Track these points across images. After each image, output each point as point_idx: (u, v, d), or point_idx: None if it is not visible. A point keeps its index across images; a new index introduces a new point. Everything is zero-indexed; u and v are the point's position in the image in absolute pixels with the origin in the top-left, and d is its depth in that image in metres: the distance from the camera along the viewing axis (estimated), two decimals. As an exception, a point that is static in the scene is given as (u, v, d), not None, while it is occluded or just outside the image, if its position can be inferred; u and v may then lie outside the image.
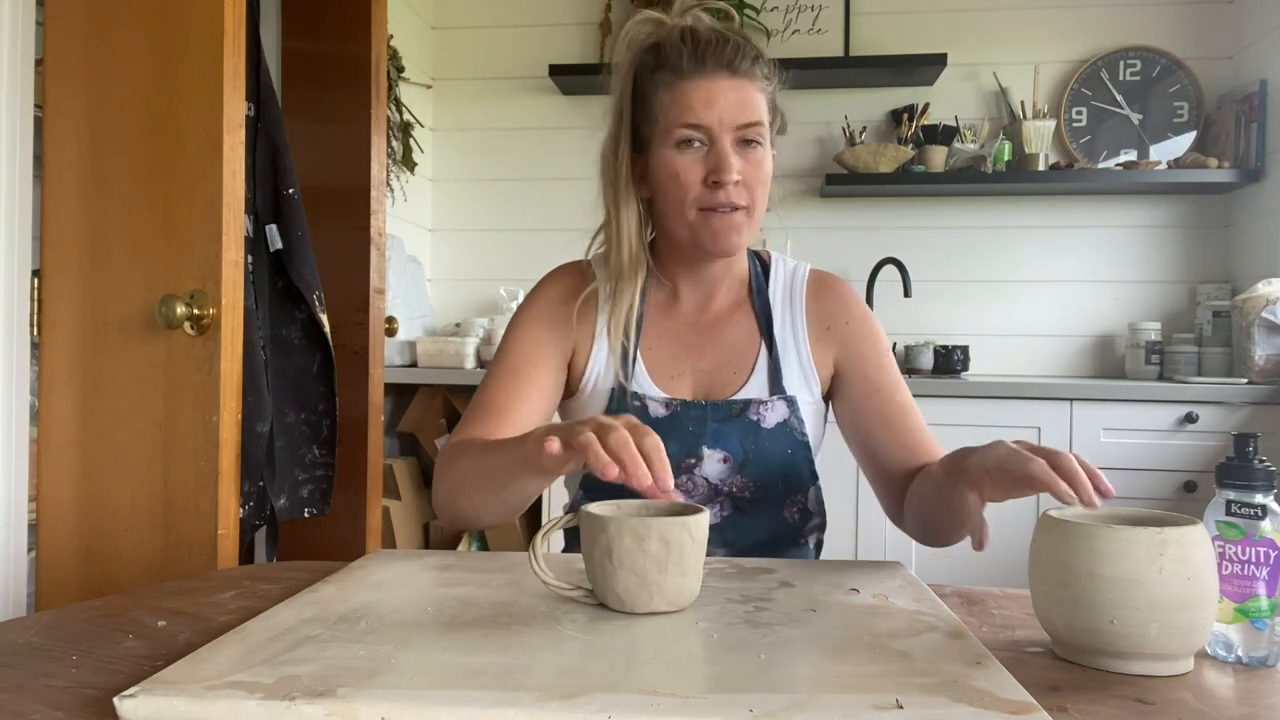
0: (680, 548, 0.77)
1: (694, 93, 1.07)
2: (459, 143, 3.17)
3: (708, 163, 1.08)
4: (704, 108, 1.07)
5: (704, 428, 1.14)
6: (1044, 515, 0.75)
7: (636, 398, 1.15)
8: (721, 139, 1.07)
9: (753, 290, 1.20)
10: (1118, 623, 0.68)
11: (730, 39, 1.09)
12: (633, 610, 0.77)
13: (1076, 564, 0.69)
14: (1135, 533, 0.68)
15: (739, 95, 1.07)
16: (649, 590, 0.77)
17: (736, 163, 1.07)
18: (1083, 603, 0.69)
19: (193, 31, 1.38)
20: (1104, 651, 0.69)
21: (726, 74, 1.08)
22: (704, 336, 1.19)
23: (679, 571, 0.77)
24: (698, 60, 1.07)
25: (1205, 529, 0.71)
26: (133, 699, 0.58)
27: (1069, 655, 0.72)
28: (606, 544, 0.77)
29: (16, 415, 1.39)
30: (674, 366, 1.17)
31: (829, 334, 1.18)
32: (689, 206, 1.09)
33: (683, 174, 1.08)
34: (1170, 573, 0.67)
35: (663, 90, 1.09)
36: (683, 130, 1.07)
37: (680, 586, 0.78)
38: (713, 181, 1.07)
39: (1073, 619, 0.70)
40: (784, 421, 1.15)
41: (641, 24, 1.14)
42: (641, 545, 0.76)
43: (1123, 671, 0.69)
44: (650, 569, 0.76)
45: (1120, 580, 0.68)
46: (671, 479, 0.77)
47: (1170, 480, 2.37)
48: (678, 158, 1.08)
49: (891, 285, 2.92)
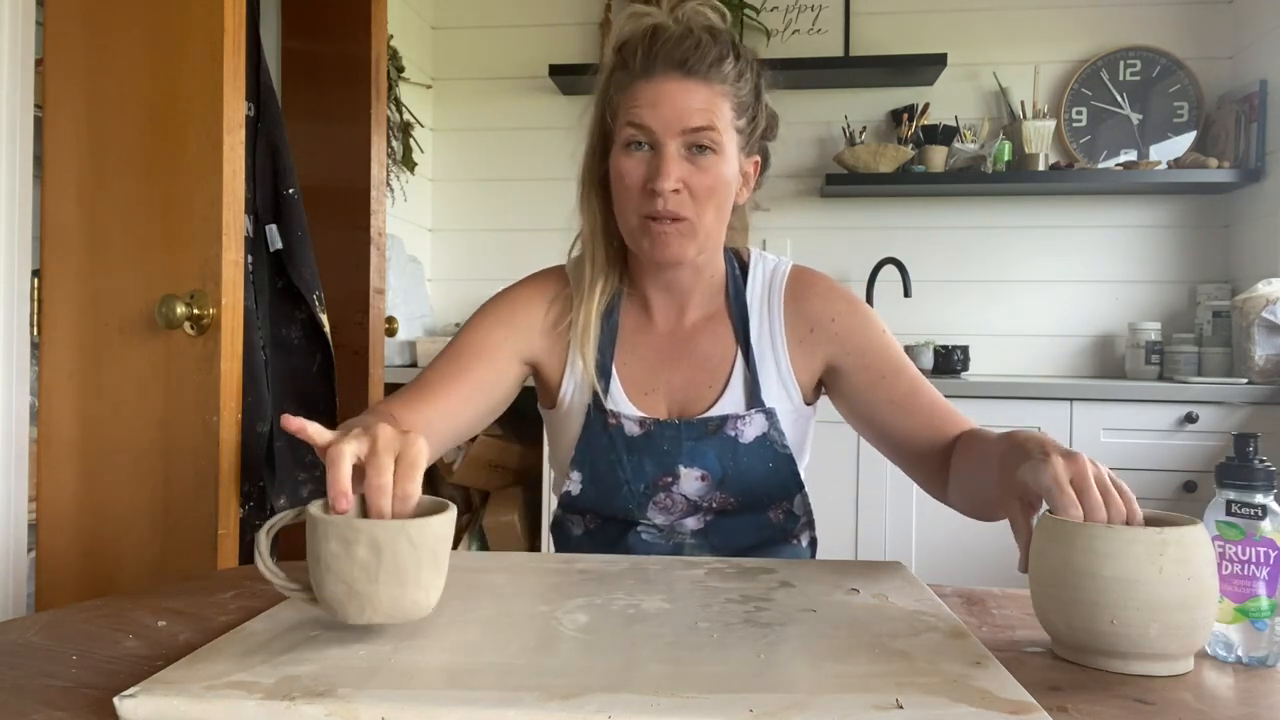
0: (395, 555, 0.67)
1: (642, 93, 1.02)
2: (459, 143, 3.17)
3: (650, 167, 1.02)
4: (649, 108, 1.01)
5: (679, 446, 1.10)
6: (1044, 515, 0.75)
7: (613, 415, 1.12)
8: (666, 144, 1.01)
9: (729, 296, 1.16)
10: (1118, 623, 0.68)
11: (691, 37, 1.02)
12: (345, 621, 0.70)
13: (1076, 564, 0.69)
14: (1135, 533, 0.68)
15: (689, 98, 1.01)
16: (359, 600, 0.68)
17: (678, 170, 1.01)
18: (1083, 603, 0.69)
19: (193, 31, 1.38)
20: (1104, 651, 0.69)
21: (678, 74, 1.01)
22: (678, 350, 1.15)
23: (395, 582, 0.68)
24: (649, 59, 1.02)
25: (1205, 529, 0.71)
26: (133, 699, 0.58)
27: (1069, 655, 0.72)
28: (315, 547, 0.69)
29: (16, 415, 1.39)
30: (648, 382, 1.14)
31: (813, 336, 1.13)
32: (631, 212, 1.05)
33: (625, 176, 1.04)
34: (1170, 573, 0.67)
35: (619, 89, 1.05)
36: (628, 130, 1.03)
37: (398, 598, 0.68)
38: (650, 188, 1.02)
39: (1073, 619, 0.70)
40: (763, 435, 1.11)
41: (628, 20, 1.08)
42: (349, 550, 0.67)
43: (1123, 672, 0.69)
44: (359, 577, 0.67)
45: (1120, 580, 0.68)
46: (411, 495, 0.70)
47: (1170, 480, 2.37)
48: (623, 159, 1.04)
49: (891, 285, 2.92)
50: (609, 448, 1.12)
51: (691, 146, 1.02)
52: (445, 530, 0.71)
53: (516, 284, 1.19)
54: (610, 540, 1.16)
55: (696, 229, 1.04)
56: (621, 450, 1.12)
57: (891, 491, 2.41)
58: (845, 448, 2.39)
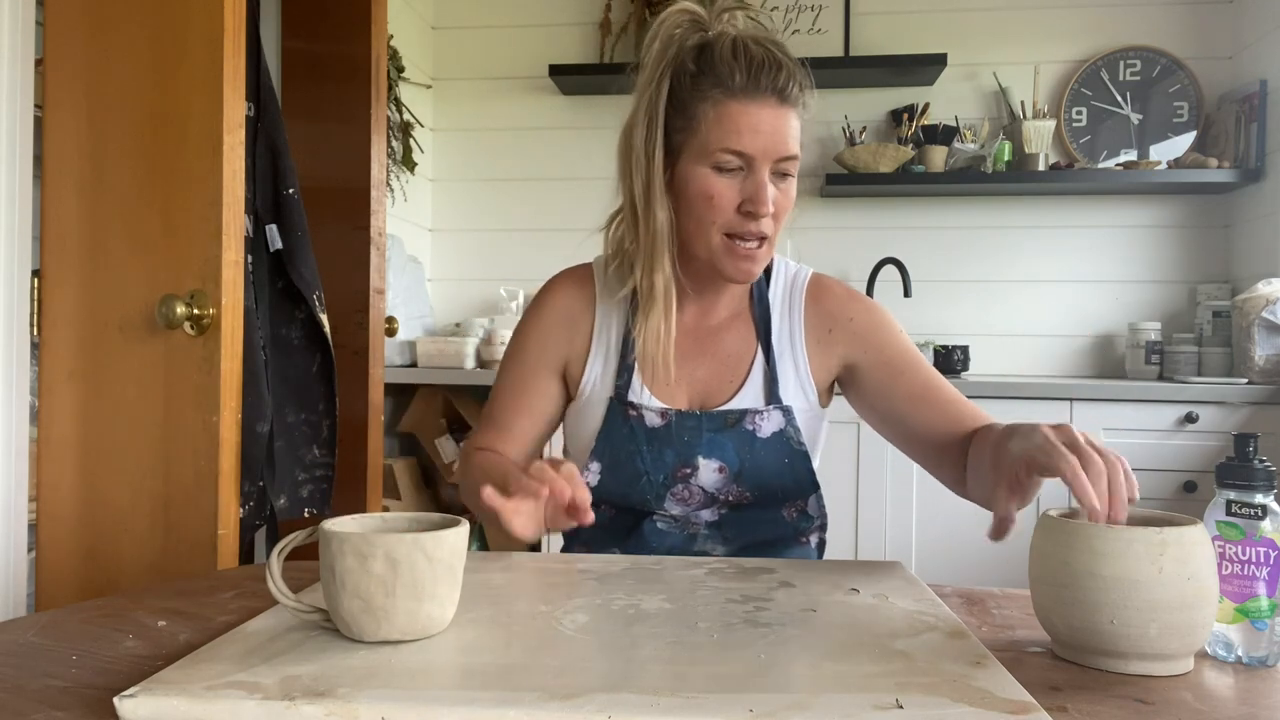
0: (412, 568, 0.68)
1: (742, 116, 1.02)
2: (459, 143, 3.17)
3: (744, 190, 1.04)
4: (750, 134, 1.02)
5: (699, 437, 1.13)
6: (1043, 515, 0.75)
7: (633, 407, 1.14)
8: (761, 168, 1.03)
9: (753, 297, 1.19)
10: (1117, 623, 0.68)
11: (783, 63, 1.04)
12: (360, 639, 0.69)
13: (1076, 564, 0.70)
14: (1135, 533, 0.68)
15: (784, 125, 1.04)
16: (375, 616, 0.68)
17: (772, 194, 1.04)
18: (1082, 603, 0.69)
19: (193, 31, 1.38)
20: (1104, 651, 0.69)
21: (776, 101, 1.03)
22: (701, 345, 1.17)
23: (411, 596, 0.68)
24: (751, 81, 1.02)
25: (1205, 529, 0.71)
26: (133, 699, 0.58)
27: (1069, 655, 0.72)
28: (330, 562, 0.69)
29: (16, 415, 1.39)
30: (668, 375, 1.15)
31: (831, 337, 1.16)
32: (716, 230, 1.06)
33: (717, 197, 1.04)
34: (1170, 573, 0.67)
35: (707, 104, 1.04)
36: (725, 155, 1.03)
37: (414, 613, 0.69)
38: (746, 211, 1.04)
39: (1072, 619, 0.70)
40: (780, 431, 1.13)
41: (679, 15, 1.07)
42: (365, 565, 0.67)
43: (1122, 671, 0.69)
44: (375, 592, 0.68)
45: (1120, 580, 0.68)
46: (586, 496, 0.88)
47: (1170, 480, 2.37)
48: (714, 179, 1.04)
49: (891, 285, 2.92)
50: (629, 438, 1.14)
51: (777, 172, 1.06)
52: (460, 544, 0.71)
53: (544, 291, 1.22)
54: (625, 530, 1.17)
55: (772, 246, 1.09)
56: (642, 441, 1.13)
57: (891, 491, 2.41)
58: (846, 447, 2.39)
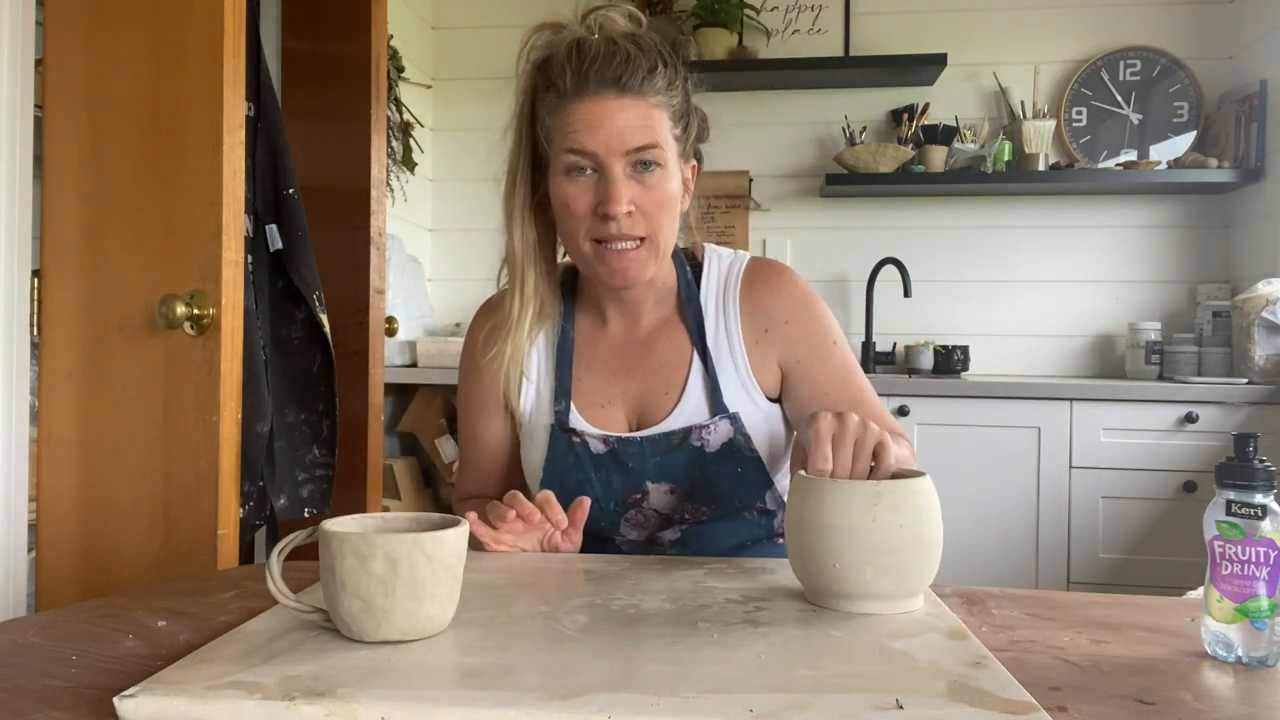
0: (411, 568, 0.67)
1: (577, 116, 0.98)
2: (459, 143, 3.17)
3: (597, 191, 0.99)
4: (587, 131, 0.97)
5: (645, 463, 1.08)
6: (796, 474, 0.82)
7: (576, 434, 1.10)
8: (611, 166, 0.98)
9: (682, 299, 1.12)
10: (839, 566, 0.76)
11: (622, 52, 0.98)
12: (360, 639, 0.69)
13: (807, 515, 0.78)
14: (854, 485, 0.78)
15: (628, 116, 0.98)
16: (375, 616, 0.68)
17: (628, 191, 0.99)
18: (812, 548, 0.78)
19: (193, 31, 1.38)
20: (834, 594, 0.77)
21: (614, 92, 0.97)
22: (632, 358, 1.12)
23: (410, 596, 0.68)
24: (580, 78, 0.97)
25: (929, 481, 0.79)
26: (133, 699, 0.58)
27: (813, 600, 0.80)
28: (329, 562, 0.69)
29: (16, 415, 1.39)
30: (603, 394, 1.11)
31: (768, 336, 1.10)
32: (583, 237, 1.02)
33: (572, 203, 1.00)
34: (884, 521, 0.75)
35: (550, 111, 1.01)
36: (568, 156, 0.99)
37: (413, 613, 0.68)
38: (601, 213, 0.99)
39: (808, 565, 0.79)
40: (729, 441, 1.08)
41: (539, 32, 1.04)
42: (364, 565, 0.67)
43: (850, 610, 0.77)
44: (375, 592, 0.67)
45: (839, 528, 0.76)
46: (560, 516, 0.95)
47: (1170, 480, 2.37)
48: (566, 186, 1.00)
49: (891, 285, 2.92)
50: (576, 466, 1.10)
51: (636, 165, 1.00)
52: (460, 544, 0.71)
53: (469, 330, 1.20)
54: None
55: (656, 247, 1.03)
56: (589, 469, 1.10)
57: (891, 491, 2.40)
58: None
